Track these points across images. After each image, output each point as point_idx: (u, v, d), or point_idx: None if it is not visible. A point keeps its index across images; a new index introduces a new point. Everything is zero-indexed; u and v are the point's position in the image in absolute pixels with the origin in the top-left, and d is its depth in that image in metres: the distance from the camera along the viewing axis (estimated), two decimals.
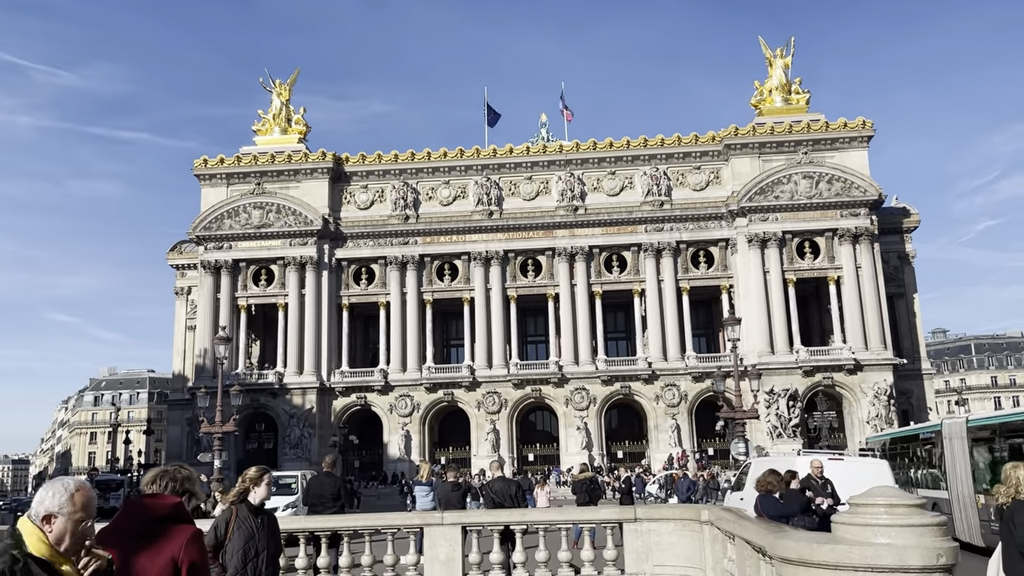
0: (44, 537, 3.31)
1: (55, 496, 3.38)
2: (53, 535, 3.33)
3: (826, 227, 56.64)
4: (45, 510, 3.35)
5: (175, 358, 67.80)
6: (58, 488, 3.41)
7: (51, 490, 3.39)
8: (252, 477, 7.19)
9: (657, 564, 10.80)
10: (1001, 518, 7.81)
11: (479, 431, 57.38)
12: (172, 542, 3.86)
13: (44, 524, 3.34)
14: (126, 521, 3.92)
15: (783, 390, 54.10)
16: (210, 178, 61.16)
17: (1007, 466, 7.81)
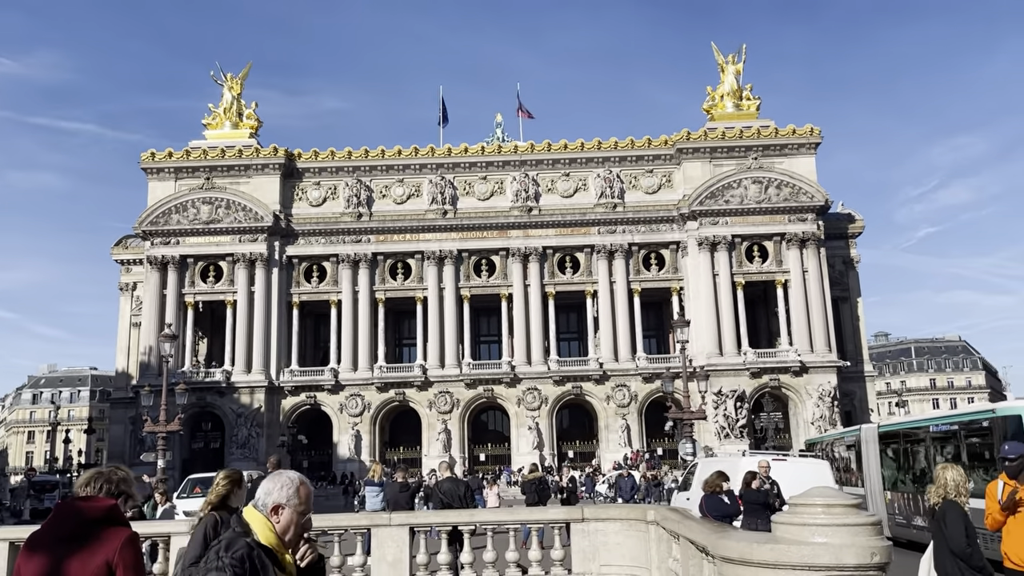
0: (272, 527, 3.48)
1: (283, 488, 3.54)
2: (280, 526, 3.50)
3: (774, 231, 57.72)
4: (274, 501, 3.51)
5: (119, 356, 66.17)
6: (285, 481, 3.57)
7: (278, 483, 3.56)
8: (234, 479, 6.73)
9: (604, 564, 10.90)
10: (932, 517, 8.07)
11: (431, 431, 57.17)
12: (106, 545, 3.75)
13: (272, 515, 3.50)
14: (58, 524, 3.81)
15: (731, 391, 54.99)
16: (158, 172, 59.86)
17: (938, 467, 8.07)
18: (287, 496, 3.54)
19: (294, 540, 3.57)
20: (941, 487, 7.87)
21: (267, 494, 3.55)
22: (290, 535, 3.53)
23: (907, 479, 20.44)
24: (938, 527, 7.80)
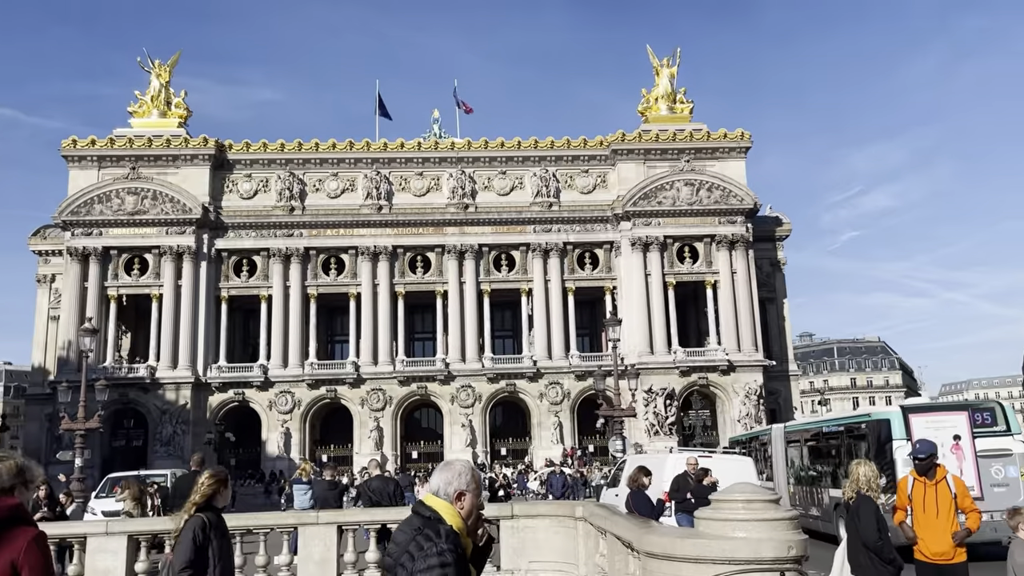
0: (457, 512, 3.72)
1: (462, 476, 3.81)
2: (464, 511, 3.75)
3: (705, 233, 58.93)
4: (455, 489, 3.76)
5: (35, 350, 63.58)
6: (461, 468, 3.86)
7: (456, 471, 3.82)
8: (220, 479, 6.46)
9: (533, 560, 10.97)
10: (847, 512, 8.37)
11: (363, 428, 56.61)
12: (10, 546, 3.58)
13: (456, 501, 3.73)
14: None
15: (661, 389, 55.95)
16: (79, 160, 57.72)
17: (852, 463, 8.37)
18: (466, 482, 3.77)
19: (474, 523, 3.83)
20: (854, 482, 8.18)
21: (447, 483, 3.78)
22: (472, 519, 3.78)
23: (805, 473, 22.88)
24: (851, 521, 8.09)
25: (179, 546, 5.71)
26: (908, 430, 17.38)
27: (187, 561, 5.56)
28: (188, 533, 5.77)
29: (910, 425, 17.51)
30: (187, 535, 5.76)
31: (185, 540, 5.71)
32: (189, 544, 5.74)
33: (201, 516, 6.05)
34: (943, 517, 8.18)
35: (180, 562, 5.60)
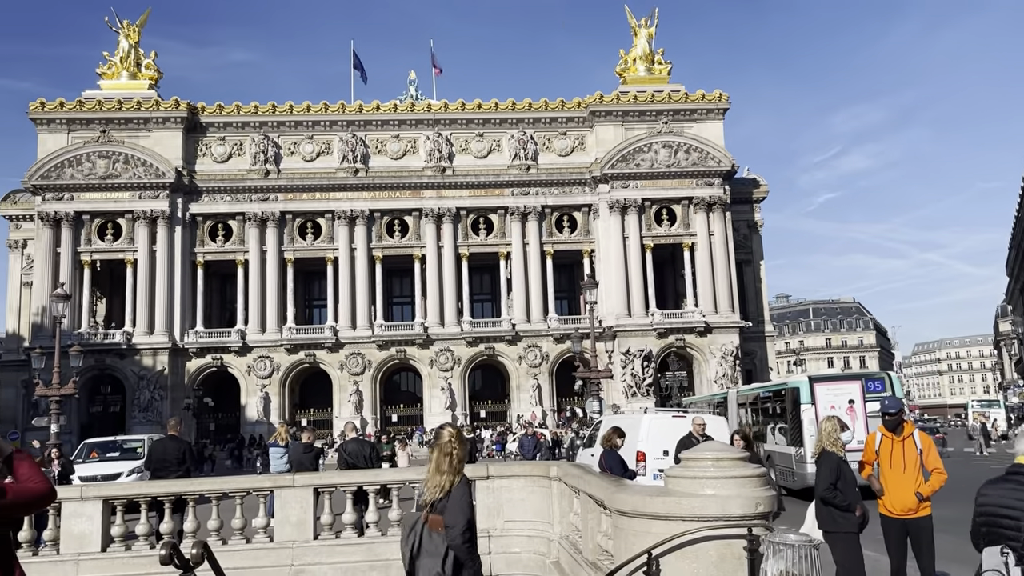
0: None
1: None
2: None
3: (683, 195, 59.00)
4: None
5: (9, 316, 62.84)
6: None
7: None
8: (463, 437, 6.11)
9: (508, 519, 11.09)
10: None
11: (342, 392, 56.70)
12: None
13: None
14: None
15: (638, 351, 56.40)
16: (48, 123, 56.54)
17: (821, 419, 8.52)
18: None
19: None
20: (821, 438, 8.34)
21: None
22: None
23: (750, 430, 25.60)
24: (817, 476, 8.26)
25: (458, 507, 5.44)
26: (813, 395, 21.23)
27: (470, 521, 5.44)
28: (466, 494, 5.56)
29: (815, 391, 21.35)
30: (466, 496, 5.54)
31: (465, 500, 5.48)
32: (470, 503, 5.58)
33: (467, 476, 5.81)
34: (909, 473, 8.35)
35: (463, 523, 5.38)
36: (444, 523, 5.38)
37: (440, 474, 5.53)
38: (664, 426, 17.01)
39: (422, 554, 5.41)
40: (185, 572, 5.57)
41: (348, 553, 10.97)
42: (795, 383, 22.95)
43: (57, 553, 10.64)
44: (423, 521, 5.47)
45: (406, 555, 5.47)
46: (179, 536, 10.92)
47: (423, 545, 5.42)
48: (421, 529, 5.47)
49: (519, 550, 10.96)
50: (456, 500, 5.44)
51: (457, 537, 5.33)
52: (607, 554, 7.66)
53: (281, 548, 10.93)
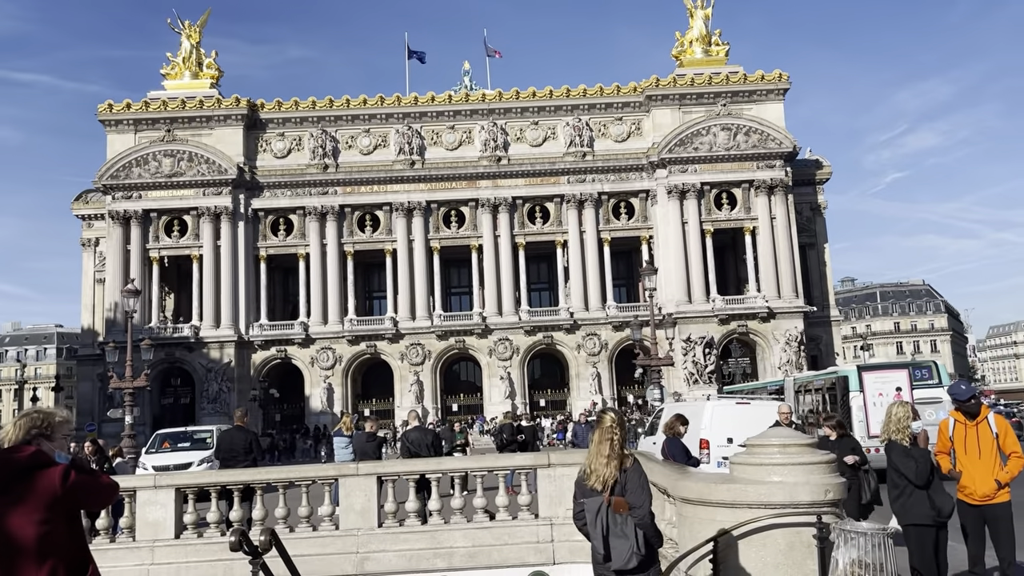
0: None
1: None
2: None
3: (743, 179, 57.91)
4: None
5: (84, 312, 65.23)
6: None
7: None
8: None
9: (569, 508, 11.03)
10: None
11: (403, 383, 57.38)
12: (43, 490, 3.73)
13: None
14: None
15: (699, 338, 55.67)
16: (116, 124, 58.36)
17: (890, 404, 8.24)
18: None
19: None
20: (890, 423, 8.06)
21: None
22: None
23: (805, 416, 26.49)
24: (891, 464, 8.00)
25: (640, 488, 5.69)
26: (861, 383, 22.38)
27: (649, 500, 5.74)
28: (643, 475, 5.84)
29: (863, 379, 22.51)
30: (643, 476, 5.81)
31: (644, 480, 5.78)
32: (648, 483, 5.88)
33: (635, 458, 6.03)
34: (986, 458, 8.03)
35: (648, 503, 5.69)
36: (629, 504, 5.61)
37: (603, 458, 5.75)
38: (728, 413, 16.73)
39: (611, 535, 5.65)
40: (254, 558, 5.69)
41: (412, 541, 11.08)
42: (844, 371, 24.33)
43: (133, 540, 11.00)
44: (607, 504, 5.66)
45: (598, 538, 5.69)
46: (248, 524, 11.16)
47: (611, 527, 5.64)
48: (606, 512, 5.66)
49: (581, 538, 10.91)
50: (636, 482, 5.70)
51: (645, 516, 5.63)
52: (671, 542, 7.56)
53: (346, 535, 11.09)
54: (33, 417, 4.08)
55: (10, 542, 3.66)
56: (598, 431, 5.83)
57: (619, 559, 5.60)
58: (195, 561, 10.83)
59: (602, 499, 5.67)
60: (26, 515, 3.69)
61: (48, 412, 4.17)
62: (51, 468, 3.86)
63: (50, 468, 3.86)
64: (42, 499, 3.73)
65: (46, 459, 3.90)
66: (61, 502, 3.76)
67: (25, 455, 3.84)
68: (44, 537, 3.71)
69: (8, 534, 3.66)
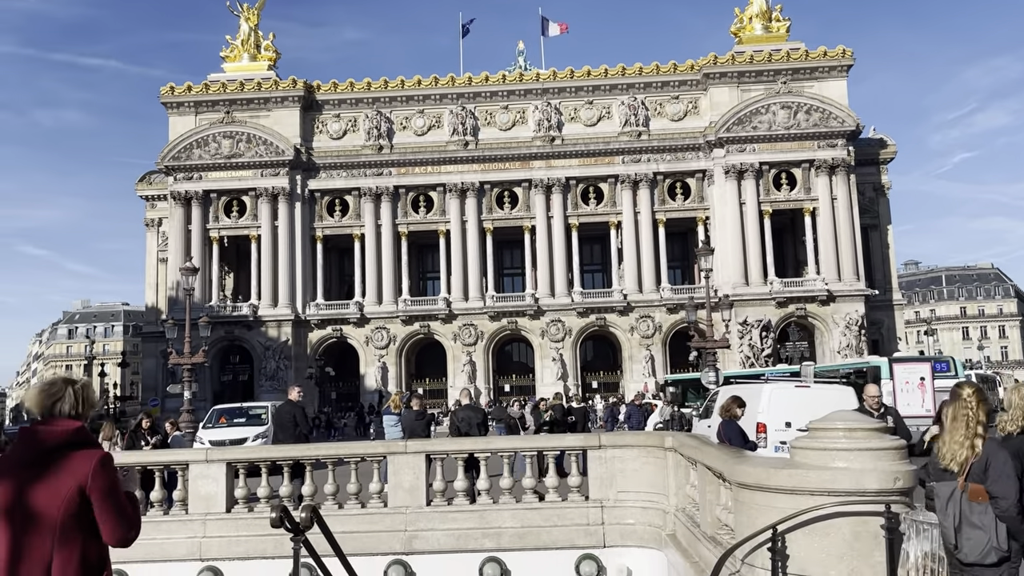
0: None
1: None
2: None
3: (803, 158, 56.38)
4: None
5: (148, 291, 67.04)
6: None
7: None
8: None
9: (621, 490, 10.81)
10: None
11: (455, 363, 57.64)
12: (77, 470, 3.53)
13: None
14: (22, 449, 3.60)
15: (756, 321, 54.62)
16: (178, 106, 59.50)
17: (1010, 389, 7.47)
18: None
19: None
20: (1012, 409, 7.29)
21: None
22: None
23: None
24: None
25: (1004, 476, 5.01)
26: (892, 373, 25.72)
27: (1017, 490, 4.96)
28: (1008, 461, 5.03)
29: (893, 369, 25.95)
30: (1008, 462, 5.03)
31: (1009, 467, 5.04)
32: (1013, 469, 5.09)
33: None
34: None
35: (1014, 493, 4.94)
36: (989, 493, 4.99)
37: (958, 436, 5.17)
38: (787, 396, 16.23)
39: (963, 525, 5.06)
40: (295, 535, 5.59)
41: (460, 520, 10.98)
42: (876, 362, 28.36)
43: (186, 512, 11.13)
44: (961, 491, 5.07)
45: (949, 527, 5.09)
46: (299, 500, 11.19)
47: (963, 516, 5.06)
48: (960, 499, 5.08)
49: (633, 521, 10.67)
50: (1000, 469, 5.00)
51: (1010, 508, 4.92)
52: (727, 528, 7.27)
53: (395, 513, 11.04)
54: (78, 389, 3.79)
55: (30, 520, 3.48)
56: (952, 406, 5.20)
57: (973, 552, 4.98)
58: (246, 535, 10.91)
59: (955, 484, 5.08)
60: (54, 494, 3.50)
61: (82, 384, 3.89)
62: (91, 451, 3.66)
63: (89, 450, 3.65)
64: (73, 479, 3.54)
65: (89, 439, 3.74)
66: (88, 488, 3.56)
67: (65, 429, 3.65)
68: (67, 522, 3.52)
69: (29, 511, 3.48)
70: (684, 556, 8.75)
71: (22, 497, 3.47)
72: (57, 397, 3.70)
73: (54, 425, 3.64)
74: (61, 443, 3.57)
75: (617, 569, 10.56)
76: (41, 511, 3.49)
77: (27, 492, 3.48)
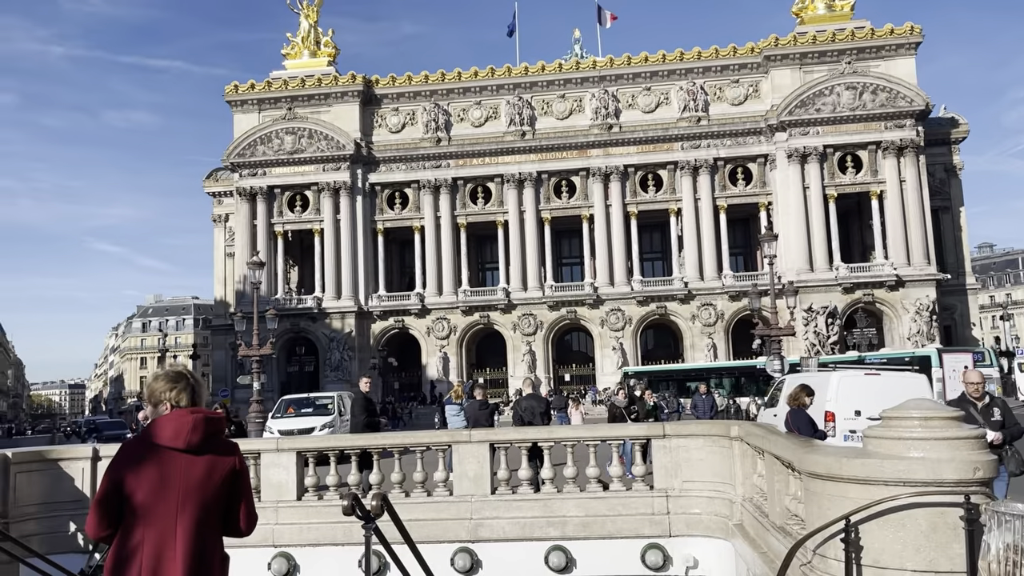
0: None
1: None
2: None
3: (869, 140, 54.82)
4: None
5: (216, 285, 68.95)
6: None
7: None
8: None
9: (686, 480, 10.72)
10: None
11: (515, 352, 57.87)
12: (230, 454, 3.84)
13: None
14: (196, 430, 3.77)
15: (822, 307, 53.45)
16: (242, 104, 60.88)
17: None
18: None
19: None
20: None
21: None
22: None
23: None
24: None
25: None
26: (941, 361, 29.78)
27: None
28: None
29: (942, 359, 30.38)
30: None
31: None
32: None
33: None
34: None
35: None
36: None
37: None
38: (856, 384, 15.85)
39: None
40: (366, 523, 5.70)
41: (525, 508, 11.04)
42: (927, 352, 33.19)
43: (259, 500, 11.43)
44: None
45: None
46: (366, 488, 11.41)
47: None
48: None
49: (699, 511, 10.59)
50: None
51: None
52: (796, 518, 7.16)
53: (460, 502, 11.17)
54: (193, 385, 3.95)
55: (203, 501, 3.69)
56: None
57: None
58: (316, 522, 11.18)
59: None
60: (218, 479, 3.75)
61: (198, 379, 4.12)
62: (232, 441, 3.92)
63: (231, 440, 3.91)
64: (230, 461, 3.80)
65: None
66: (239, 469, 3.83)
67: (221, 417, 3.93)
68: (222, 505, 3.77)
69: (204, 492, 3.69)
70: (752, 546, 8.65)
71: (199, 479, 3.68)
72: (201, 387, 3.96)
73: (213, 413, 3.88)
74: (219, 430, 3.79)
75: (683, 559, 10.50)
76: (210, 493, 3.72)
77: (203, 475, 3.69)
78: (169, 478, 3.63)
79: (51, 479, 11.47)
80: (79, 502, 11.16)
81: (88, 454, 11.65)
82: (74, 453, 11.95)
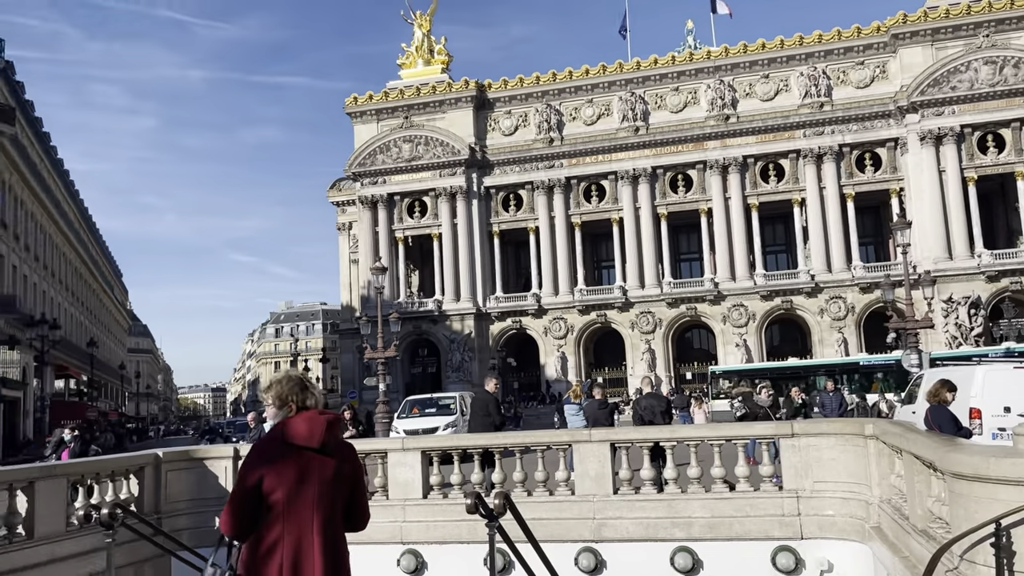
0: None
1: None
2: None
3: (1012, 117, 51.05)
4: None
5: (342, 290, 71.59)
6: None
7: None
8: None
9: (818, 480, 10.29)
10: None
11: (634, 351, 57.23)
12: (354, 455, 4.05)
13: None
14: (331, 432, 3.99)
15: (963, 297, 50.15)
16: (361, 115, 62.97)
17: None
18: None
19: None
20: None
21: None
22: None
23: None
24: None
25: None
26: None
27: None
28: None
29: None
30: None
31: None
32: None
33: None
34: None
35: None
36: None
37: None
38: (1004, 379, 14.76)
39: None
40: (490, 521, 5.78)
41: (648, 509, 10.88)
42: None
43: (387, 498, 11.78)
44: None
45: None
46: (489, 487, 11.54)
47: None
48: None
49: (832, 513, 10.14)
50: None
51: None
52: (940, 521, 6.75)
53: (582, 501, 11.13)
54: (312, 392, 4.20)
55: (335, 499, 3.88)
56: None
57: None
58: (442, 520, 11.40)
59: None
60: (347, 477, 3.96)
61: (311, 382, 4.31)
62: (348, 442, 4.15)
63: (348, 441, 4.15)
64: (355, 461, 4.03)
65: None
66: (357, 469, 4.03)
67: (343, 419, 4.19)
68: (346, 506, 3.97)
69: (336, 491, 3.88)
70: (892, 550, 8.21)
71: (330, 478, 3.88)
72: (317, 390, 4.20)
73: (337, 415, 4.10)
74: (342, 432, 4.02)
75: (817, 562, 10.08)
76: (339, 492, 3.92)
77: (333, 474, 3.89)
78: (306, 476, 3.75)
79: (197, 477, 12.21)
80: (222, 498, 11.83)
81: (229, 453, 12.34)
82: (217, 452, 12.68)
